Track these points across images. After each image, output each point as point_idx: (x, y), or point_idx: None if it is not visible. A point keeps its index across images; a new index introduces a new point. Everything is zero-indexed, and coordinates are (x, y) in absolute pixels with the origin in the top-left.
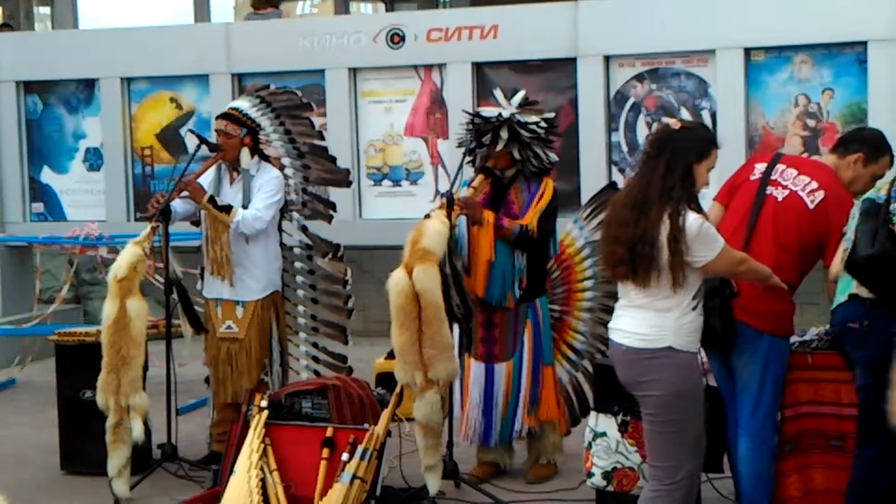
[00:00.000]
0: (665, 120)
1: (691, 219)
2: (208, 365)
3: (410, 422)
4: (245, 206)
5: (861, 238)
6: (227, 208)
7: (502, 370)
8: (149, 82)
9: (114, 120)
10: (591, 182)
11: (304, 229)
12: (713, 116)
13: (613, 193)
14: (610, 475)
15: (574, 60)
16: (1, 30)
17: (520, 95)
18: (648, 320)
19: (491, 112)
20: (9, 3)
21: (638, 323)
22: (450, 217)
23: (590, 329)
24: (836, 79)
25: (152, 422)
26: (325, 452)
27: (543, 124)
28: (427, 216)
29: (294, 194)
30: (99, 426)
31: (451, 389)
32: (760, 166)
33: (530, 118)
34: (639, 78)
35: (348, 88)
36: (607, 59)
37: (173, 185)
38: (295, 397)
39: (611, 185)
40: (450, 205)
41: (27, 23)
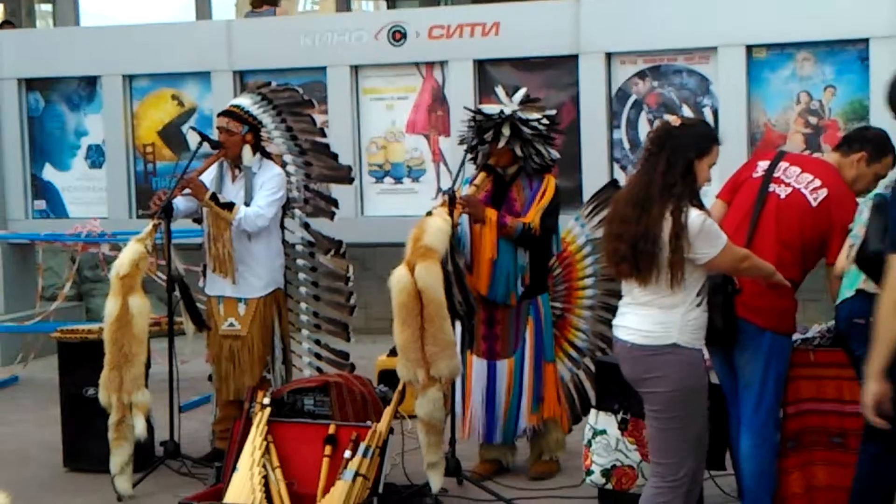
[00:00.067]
0: (666, 117)
1: (693, 215)
2: (211, 362)
3: (413, 419)
4: (247, 204)
5: (872, 233)
6: (230, 206)
7: (504, 367)
8: (150, 79)
9: (115, 117)
10: (592, 179)
11: (306, 226)
12: (715, 114)
13: (615, 191)
14: (609, 473)
15: (576, 57)
16: (2, 27)
17: (521, 92)
18: (653, 317)
19: (493, 109)
20: (10, 0)
21: (643, 320)
22: (452, 214)
23: (591, 327)
24: (838, 76)
25: (155, 419)
26: (328, 450)
27: (545, 121)
28: (429, 213)
29: (296, 191)
30: (101, 423)
31: (452, 386)
32: (763, 164)
33: (532, 115)
34: (640, 75)
35: (350, 86)
36: (609, 56)
37: (175, 182)
38: (297, 394)
39: (612, 182)
40: (451, 202)
41: (29, 20)
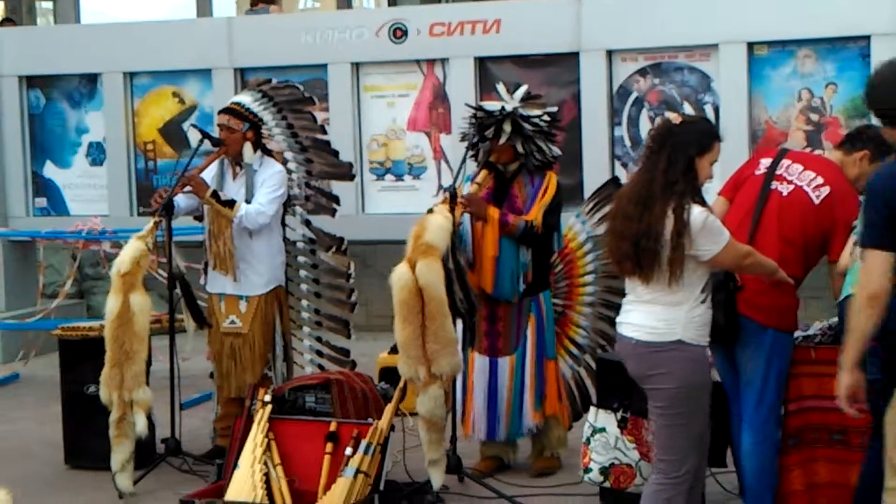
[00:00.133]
0: (667, 114)
1: (696, 212)
2: (212, 360)
3: (414, 416)
4: (248, 201)
5: None
6: (231, 203)
7: (506, 364)
8: (151, 77)
9: (116, 115)
10: (593, 177)
11: (307, 223)
12: (716, 111)
13: (616, 188)
14: (607, 471)
15: (577, 55)
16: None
17: (522, 90)
18: (658, 314)
19: (494, 106)
20: None
21: (648, 317)
22: (453, 211)
23: (591, 323)
24: (840, 73)
25: (156, 416)
26: (329, 447)
27: (546, 118)
28: (430, 211)
29: (297, 188)
30: (102, 421)
31: (453, 384)
32: (766, 161)
33: (533, 111)
34: (641, 72)
35: (351, 83)
36: (610, 53)
37: (176, 179)
38: (298, 392)
39: (613, 179)
40: (452, 199)
41: (29, 17)
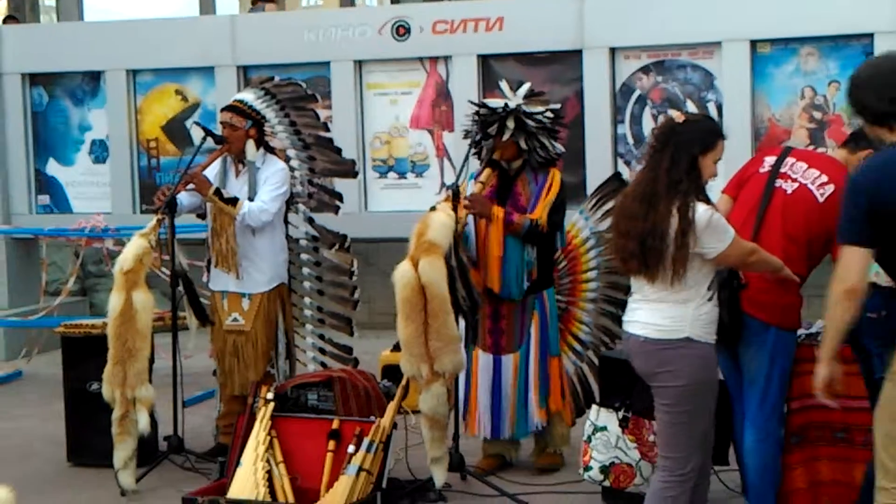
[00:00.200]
0: (670, 112)
1: (701, 210)
2: (214, 357)
3: (416, 414)
4: (251, 199)
5: None
6: (233, 201)
7: (509, 361)
8: (154, 74)
9: (119, 112)
10: (596, 174)
11: (310, 221)
12: (719, 109)
13: (618, 184)
14: (607, 470)
15: (580, 53)
16: (6, 22)
17: (525, 87)
18: (666, 312)
19: (497, 102)
20: None
21: (655, 314)
22: (455, 209)
23: (594, 320)
24: (843, 71)
25: (158, 414)
26: (331, 444)
27: (549, 114)
28: (433, 208)
29: (300, 186)
30: (105, 418)
31: (456, 382)
32: (770, 159)
33: (536, 108)
34: (644, 70)
35: (354, 81)
36: (613, 51)
37: (179, 177)
38: (301, 389)
39: (615, 175)
40: (455, 197)
41: (32, 15)
